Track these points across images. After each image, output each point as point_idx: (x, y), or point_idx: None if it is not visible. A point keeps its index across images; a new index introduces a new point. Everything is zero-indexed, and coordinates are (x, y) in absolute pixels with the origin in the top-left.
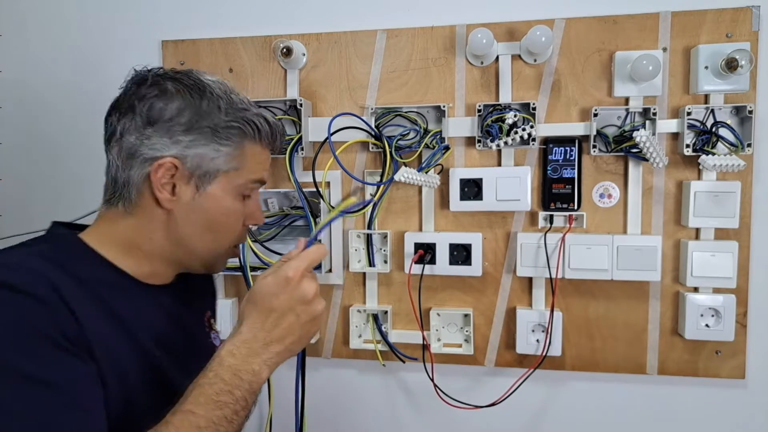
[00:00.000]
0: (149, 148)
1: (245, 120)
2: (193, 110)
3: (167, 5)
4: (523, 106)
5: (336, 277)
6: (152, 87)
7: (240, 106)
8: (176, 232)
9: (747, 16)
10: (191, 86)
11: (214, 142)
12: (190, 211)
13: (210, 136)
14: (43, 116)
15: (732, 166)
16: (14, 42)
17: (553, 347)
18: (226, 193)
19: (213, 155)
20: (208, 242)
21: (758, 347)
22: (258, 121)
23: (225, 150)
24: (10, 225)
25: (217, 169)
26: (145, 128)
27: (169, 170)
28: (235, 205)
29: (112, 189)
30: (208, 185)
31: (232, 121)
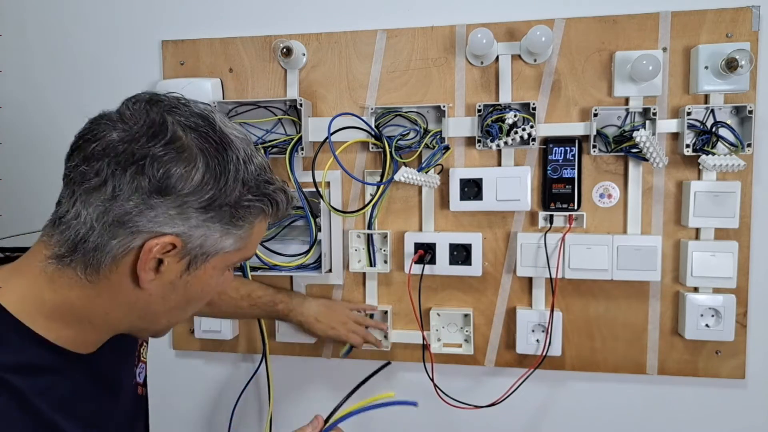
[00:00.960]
0: (149, 221)
1: (269, 198)
2: (217, 186)
3: (167, 5)
4: (523, 106)
5: (336, 277)
6: (170, 145)
7: (263, 178)
8: (143, 310)
9: (747, 16)
10: (216, 146)
11: (228, 222)
12: (169, 289)
13: (227, 216)
14: (43, 116)
15: (732, 166)
16: (14, 42)
17: (553, 347)
18: (216, 271)
19: (221, 236)
20: (174, 317)
21: (758, 347)
22: (280, 199)
23: (236, 232)
24: (10, 225)
25: (218, 250)
26: (152, 196)
27: (164, 249)
28: (218, 281)
29: (72, 247)
30: (202, 265)
31: (254, 200)
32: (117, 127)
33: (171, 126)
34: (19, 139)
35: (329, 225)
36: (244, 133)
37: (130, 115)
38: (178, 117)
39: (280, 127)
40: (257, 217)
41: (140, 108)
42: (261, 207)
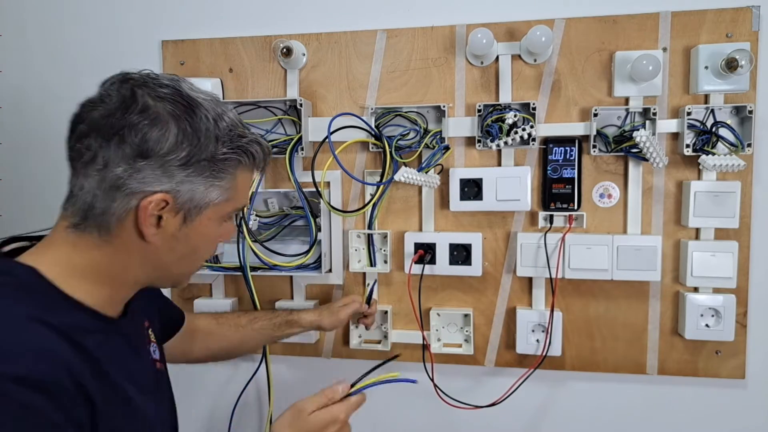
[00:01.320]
0: (138, 182)
1: (243, 150)
2: (192, 142)
3: (167, 5)
4: (523, 106)
5: (336, 277)
6: (143, 113)
7: (236, 132)
8: (155, 261)
9: (747, 16)
10: (186, 107)
11: (210, 175)
12: (173, 241)
13: (207, 169)
14: (42, 117)
15: (732, 166)
16: (14, 42)
17: (553, 347)
18: (212, 221)
19: (206, 189)
20: (186, 266)
21: (758, 347)
22: (254, 150)
23: (219, 184)
24: (10, 225)
25: (207, 202)
26: (136, 160)
27: (158, 205)
28: (217, 231)
29: (84, 214)
30: (197, 217)
31: (229, 152)
32: (97, 107)
33: (141, 97)
34: (19, 139)
35: (329, 225)
36: (212, 95)
37: (107, 94)
38: (147, 89)
39: (280, 127)
40: (236, 168)
41: (114, 87)
42: (237, 158)
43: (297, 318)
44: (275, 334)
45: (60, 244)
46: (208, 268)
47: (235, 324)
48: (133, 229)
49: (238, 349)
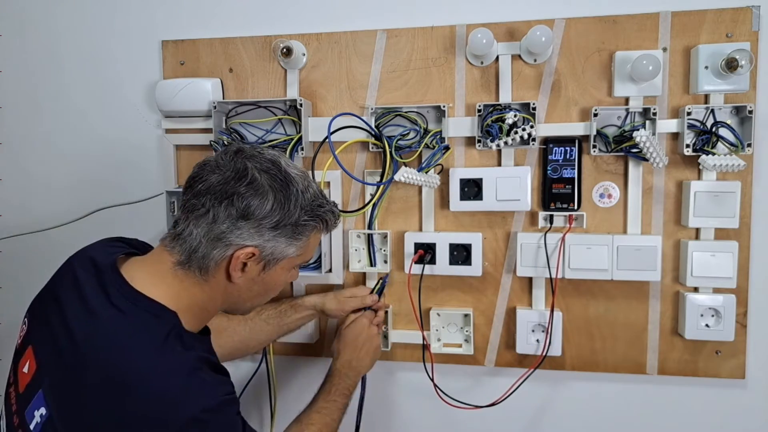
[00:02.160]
0: (236, 237)
1: (320, 218)
2: (282, 211)
3: (167, 5)
4: (523, 106)
5: (336, 277)
6: (250, 185)
7: (316, 203)
8: (236, 297)
9: (747, 16)
10: (281, 183)
11: (291, 237)
12: (253, 284)
13: (289, 232)
14: (43, 116)
15: (732, 166)
16: (14, 42)
17: (553, 347)
18: (284, 270)
19: (285, 247)
20: (257, 302)
21: (758, 347)
22: (329, 219)
23: (297, 243)
24: (10, 225)
25: (285, 256)
26: (239, 221)
27: (248, 256)
28: (287, 277)
29: (189, 255)
30: (274, 266)
31: (309, 220)
32: (215, 172)
33: (251, 171)
34: (19, 139)
35: None
36: (303, 171)
37: (223, 163)
38: (255, 163)
39: (280, 127)
40: (312, 231)
41: (229, 158)
42: (314, 225)
43: (301, 301)
44: (282, 321)
45: (171, 279)
46: None
47: (243, 318)
48: (224, 272)
49: (248, 344)
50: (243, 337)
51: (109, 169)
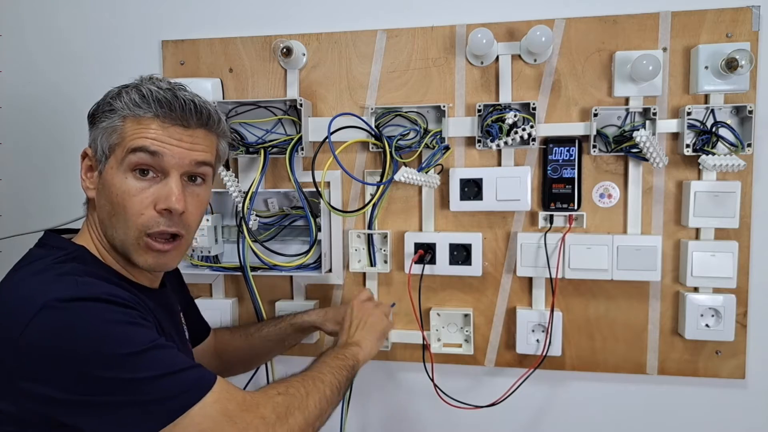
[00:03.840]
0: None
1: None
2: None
3: (167, 5)
4: (523, 106)
5: (336, 277)
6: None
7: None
8: (101, 222)
9: (747, 16)
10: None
11: (99, 122)
12: (99, 194)
13: (98, 118)
14: (43, 116)
15: (732, 166)
16: (14, 42)
17: (553, 347)
18: (115, 170)
19: (98, 134)
20: (118, 226)
21: (758, 347)
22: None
23: (103, 125)
24: (10, 225)
25: (104, 150)
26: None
27: (83, 158)
28: (126, 183)
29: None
30: (104, 167)
31: (105, 100)
32: None
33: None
34: (19, 139)
35: (329, 225)
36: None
37: None
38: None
39: (280, 127)
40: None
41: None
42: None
43: (300, 320)
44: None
45: (85, 227)
46: (208, 268)
47: (245, 334)
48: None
49: (249, 360)
50: (243, 353)
51: None
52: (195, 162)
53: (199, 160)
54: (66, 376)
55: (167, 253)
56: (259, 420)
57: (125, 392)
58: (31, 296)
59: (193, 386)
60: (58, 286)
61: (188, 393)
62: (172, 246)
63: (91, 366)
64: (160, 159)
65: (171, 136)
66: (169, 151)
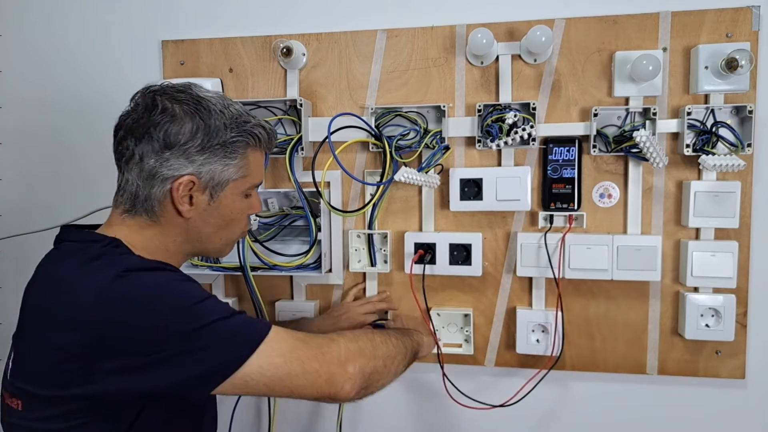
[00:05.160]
0: (168, 169)
1: (248, 133)
2: (204, 132)
3: (167, 5)
4: (523, 106)
5: (336, 277)
6: (163, 113)
7: (241, 119)
8: (196, 233)
9: (747, 16)
10: (197, 106)
11: (224, 157)
12: (207, 215)
13: (220, 152)
14: (43, 116)
15: (732, 166)
16: (14, 42)
17: (552, 347)
18: (235, 196)
19: (223, 168)
20: (223, 236)
21: (758, 347)
22: (258, 132)
23: (233, 163)
24: (10, 225)
25: (227, 179)
26: (163, 152)
27: (187, 186)
28: (242, 205)
29: (132, 202)
30: (221, 193)
31: (237, 136)
32: (130, 115)
33: (160, 102)
34: (19, 139)
35: (329, 225)
36: (219, 94)
37: (135, 104)
38: (165, 95)
39: (280, 127)
40: (246, 149)
41: (139, 97)
42: (244, 140)
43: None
44: None
45: (119, 227)
46: (208, 268)
47: None
48: (172, 208)
49: None
50: None
51: (109, 169)
52: None
53: None
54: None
55: None
56: (329, 341)
57: (205, 336)
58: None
59: (258, 322)
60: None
61: (259, 324)
62: None
63: (170, 322)
64: None
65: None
66: None
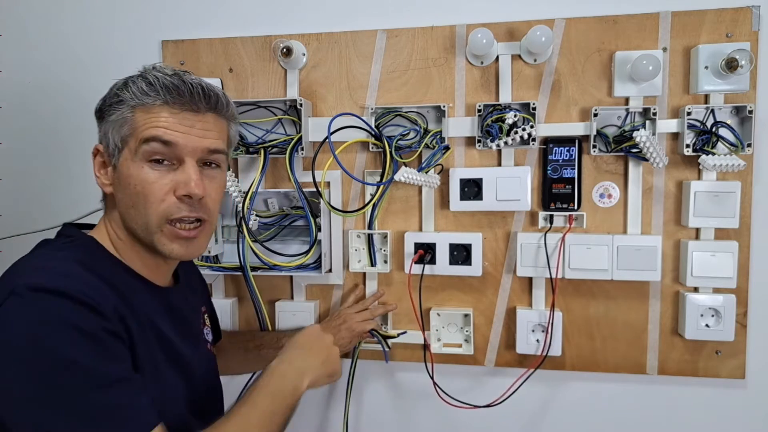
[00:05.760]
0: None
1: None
2: (108, 96)
3: (167, 5)
4: (523, 106)
5: (336, 277)
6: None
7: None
8: (123, 213)
9: (747, 16)
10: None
11: (107, 117)
12: (117, 188)
13: (106, 113)
14: (43, 116)
15: (732, 166)
16: (14, 42)
17: (553, 347)
18: (129, 162)
19: (108, 129)
20: (140, 216)
21: (758, 347)
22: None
23: (112, 120)
24: (10, 225)
25: (116, 144)
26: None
27: (96, 156)
28: (142, 173)
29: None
30: (118, 160)
31: (112, 93)
32: None
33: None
34: (19, 139)
35: (329, 225)
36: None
37: None
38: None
39: (280, 127)
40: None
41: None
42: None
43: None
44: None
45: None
46: (208, 268)
47: (245, 347)
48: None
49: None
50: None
51: None
52: (208, 150)
53: (212, 149)
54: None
55: (194, 240)
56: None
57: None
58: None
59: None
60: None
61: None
62: (197, 231)
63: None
64: (174, 148)
65: (182, 123)
66: (183, 140)
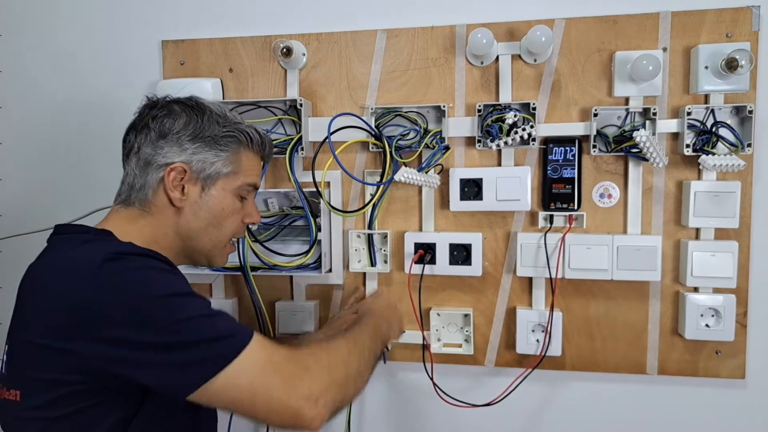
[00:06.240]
0: (162, 157)
1: (239, 130)
2: (196, 124)
3: (167, 5)
4: (523, 106)
5: (336, 277)
6: (162, 108)
7: (234, 120)
8: (185, 227)
9: (747, 16)
10: (193, 106)
11: (215, 149)
12: (197, 208)
13: (211, 143)
14: (43, 116)
15: (732, 166)
16: (14, 42)
17: (553, 347)
18: (226, 193)
19: (214, 159)
20: (212, 235)
21: (758, 347)
22: (250, 132)
23: (224, 155)
24: (10, 225)
25: (218, 172)
26: (158, 141)
27: (180, 173)
28: (234, 204)
29: (129, 192)
30: (212, 186)
31: (228, 132)
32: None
33: (161, 101)
34: (19, 139)
35: (329, 225)
36: (222, 105)
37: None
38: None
39: (280, 127)
40: (238, 146)
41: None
42: (234, 136)
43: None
44: None
45: (112, 219)
46: (208, 268)
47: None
48: (165, 197)
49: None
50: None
51: (109, 169)
52: None
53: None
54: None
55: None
56: (303, 371)
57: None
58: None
59: (237, 332)
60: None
61: (234, 338)
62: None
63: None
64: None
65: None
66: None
